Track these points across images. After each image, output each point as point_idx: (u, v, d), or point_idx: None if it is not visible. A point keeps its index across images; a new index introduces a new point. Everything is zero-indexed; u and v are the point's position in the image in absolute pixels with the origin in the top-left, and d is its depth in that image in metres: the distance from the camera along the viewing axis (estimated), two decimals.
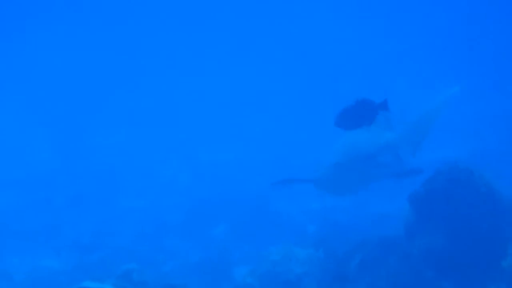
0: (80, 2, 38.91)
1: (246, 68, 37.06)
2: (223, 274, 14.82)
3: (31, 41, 41.04)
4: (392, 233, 11.15)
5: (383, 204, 15.35)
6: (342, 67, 34.87)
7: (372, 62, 34.18)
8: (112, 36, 41.27)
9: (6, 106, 34.18)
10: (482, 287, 10.32)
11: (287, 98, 32.59)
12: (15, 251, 18.10)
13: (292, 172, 11.69)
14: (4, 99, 34.73)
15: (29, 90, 37.13)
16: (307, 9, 41.10)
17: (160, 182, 24.49)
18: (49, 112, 33.76)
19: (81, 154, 27.85)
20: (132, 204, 22.28)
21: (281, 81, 35.22)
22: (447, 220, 10.52)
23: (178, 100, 34.38)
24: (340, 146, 11.47)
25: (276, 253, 13.70)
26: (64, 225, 19.81)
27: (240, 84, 35.30)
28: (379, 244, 10.96)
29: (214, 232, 18.68)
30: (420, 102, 11.90)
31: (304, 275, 12.84)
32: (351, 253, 11.71)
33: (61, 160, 27.57)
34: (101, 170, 25.38)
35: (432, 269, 10.46)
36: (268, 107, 31.80)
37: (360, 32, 39.43)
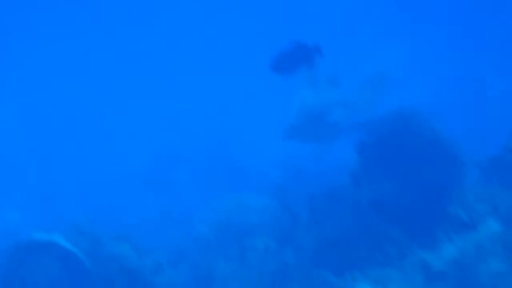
0: None
1: None
2: (180, 223, 14.80)
3: None
4: (342, 181, 11.14)
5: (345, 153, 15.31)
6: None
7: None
8: None
9: None
10: (429, 233, 10.35)
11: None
12: None
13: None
14: None
15: None
16: None
17: (121, 131, 24.25)
18: None
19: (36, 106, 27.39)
20: (91, 153, 22.08)
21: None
22: (394, 168, 10.49)
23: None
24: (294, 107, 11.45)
25: (231, 203, 13.72)
26: (22, 176, 19.60)
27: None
28: (329, 194, 10.94)
29: (174, 180, 18.60)
30: (373, 60, 11.84)
31: (257, 224, 12.87)
32: (302, 202, 11.72)
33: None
34: (62, 122, 25.05)
35: (380, 217, 10.48)
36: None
37: None
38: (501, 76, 21.23)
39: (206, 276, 11.45)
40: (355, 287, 9.95)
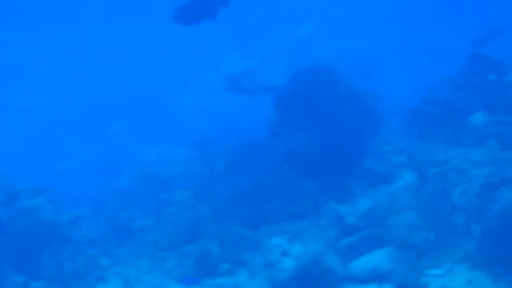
0: None
1: None
2: (102, 176, 14.60)
3: None
4: (259, 134, 11.06)
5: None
6: None
7: None
8: None
9: None
10: (343, 185, 10.38)
11: None
12: None
13: None
14: None
15: None
16: None
17: (55, 81, 23.73)
18: None
19: None
20: (26, 103, 21.62)
21: None
22: (309, 121, 10.44)
23: None
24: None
25: (154, 154, 13.57)
26: None
27: None
28: (245, 146, 10.87)
29: (101, 131, 18.34)
30: (281, 31, 11.68)
31: (177, 177, 12.77)
32: (220, 154, 11.65)
33: None
34: None
35: (295, 169, 10.45)
36: None
37: None
38: (421, 30, 21.25)
39: (123, 228, 11.32)
40: (270, 241, 9.94)
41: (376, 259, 8.75)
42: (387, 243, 9.06)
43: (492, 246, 8.33)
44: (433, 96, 11.81)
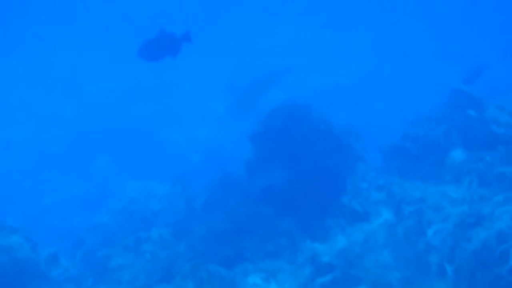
0: None
1: None
2: (81, 211, 14.56)
3: None
4: (236, 171, 11.01)
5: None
6: None
7: None
8: None
9: None
10: (321, 223, 10.29)
11: None
12: None
13: None
14: None
15: None
16: None
17: (42, 113, 23.75)
18: None
19: None
20: (13, 134, 21.59)
21: None
22: (286, 158, 10.39)
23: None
24: None
25: (136, 190, 13.52)
26: None
27: None
28: (222, 183, 10.81)
29: (97, 165, 18.30)
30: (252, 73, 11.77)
31: (157, 213, 12.71)
32: (199, 191, 11.60)
33: None
34: None
35: (271, 207, 10.38)
36: None
37: None
38: (405, 64, 21.33)
39: (100, 265, 11.23)
40: (245, 280, 9.84)
41: None
42: (361, 282, 8.95)
43: (465, 287, 8.21)
44: (414, 131, 11.75)
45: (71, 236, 13.06)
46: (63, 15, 33.93)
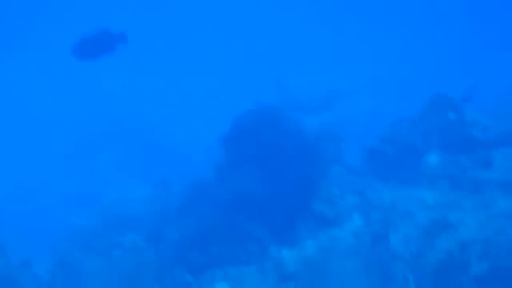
0: None
1: None
2: (68, 214, 14.45)
3: None
4: (206, 176, 10.83)
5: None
6: None
7: None
8: None
9: None
10: (292, 228, 10.10)
11: None
12: None
13: None
14: None
15: None
16: None
17: (41, 112, 23.71)
18: None
19: None
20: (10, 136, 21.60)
21: None
22: (257, 162, 10.19)
23: None
24: None
25: (112, 193, 13.43)
26: None
27: None
28: (193, 188, 10.66)
29: (98, 162, 18.24)
30: None
31: (131, 218, 12.58)
32: (174, 195, 11.48)
33: None
34: None
35: (242, 212, 10.19)
36: None
37: None
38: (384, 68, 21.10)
39: (72, 271, 11.08)
40: (212, 286, 9.67)
41: None
42: None
43: None
44: (391, 134, 11.52)
45: (43, 241, 12.92)
46: None
